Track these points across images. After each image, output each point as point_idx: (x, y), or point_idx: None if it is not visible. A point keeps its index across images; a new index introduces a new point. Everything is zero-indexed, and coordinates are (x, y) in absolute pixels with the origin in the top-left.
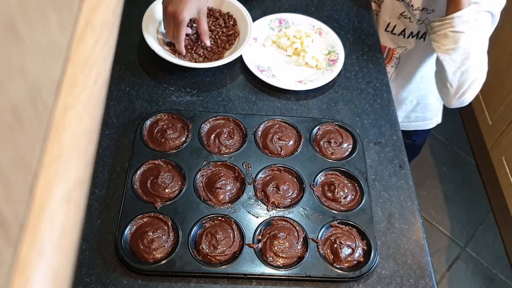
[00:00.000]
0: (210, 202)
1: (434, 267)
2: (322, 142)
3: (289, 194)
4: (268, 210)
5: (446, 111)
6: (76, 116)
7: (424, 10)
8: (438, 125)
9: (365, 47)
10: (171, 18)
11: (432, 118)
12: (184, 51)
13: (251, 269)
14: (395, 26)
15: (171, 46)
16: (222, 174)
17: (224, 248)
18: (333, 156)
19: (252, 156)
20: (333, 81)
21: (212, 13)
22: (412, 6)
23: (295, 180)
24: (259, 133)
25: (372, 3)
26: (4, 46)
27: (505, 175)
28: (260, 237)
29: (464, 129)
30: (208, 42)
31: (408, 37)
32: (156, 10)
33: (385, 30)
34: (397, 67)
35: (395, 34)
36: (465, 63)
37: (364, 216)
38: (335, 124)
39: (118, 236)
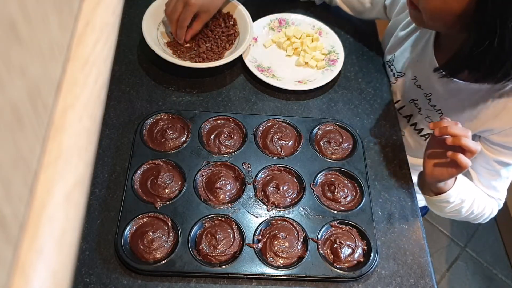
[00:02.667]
0: (210, 202)
1: (434, 267)
2: (322, 142)
3: (289, 194)
4: (268, 210)
5: None
6: (76, 116)
7: (438, 112)
8: None
9: (365, 47)
10: (182, 1)
11: (421, 199)
12: (182, 39)
13: (251, 269)
14: (403, 106)
15: (172, 46)
16: (222, 174)
17: (224, 248)
18: (333, 156)
19: (252, 156)
20: (333, 81)
21: None
22: (429, 99)
23: (295, 180)
24: (259, 133)
25: (388, 68)
26: (4, 46)
27: None
28: (260, 237)
29: None
30: (183, 39)
31: (411, 126)
32: (156, 10)
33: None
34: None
35: (400, 114)
36: (463, 210)
37: (364, 216)
38: (335, 124)
39: (118, 236)
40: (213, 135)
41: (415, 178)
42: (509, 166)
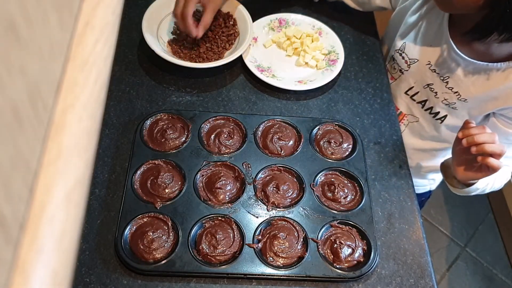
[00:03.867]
0: (210, 202)
1: (434, 267)
2: (322, 142)
3: (289, 194)
4: (268, 210)
5: None
6: (76, 116)
7: (456, 93)
8: None
9: (365, 47)
10: None
11: (425, 185)
12: (193, 33)
13: (251, 269)
14: (417, 92)
15: (171, 46)
16: (222, 174)
17: (224, 248)
18: (333, 156)
19: (252, 156)
20: (333, 81)
21: None
22: (447, 82)
23: (295, 180)
24: (259, 133)
25: (399, 56)
26: (4, 46)
27: None
28: (260, 237)
29: None
30: (195, 33)
31: (426, 110)
32: (156, 10)
33: (405, 93)
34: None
35: (414, 100)
36: (487, 189)
37: (364, 216)
38: (335, 124)
39: (118, 236)
40: (213, 135)
41: (428, 162)
42: None
